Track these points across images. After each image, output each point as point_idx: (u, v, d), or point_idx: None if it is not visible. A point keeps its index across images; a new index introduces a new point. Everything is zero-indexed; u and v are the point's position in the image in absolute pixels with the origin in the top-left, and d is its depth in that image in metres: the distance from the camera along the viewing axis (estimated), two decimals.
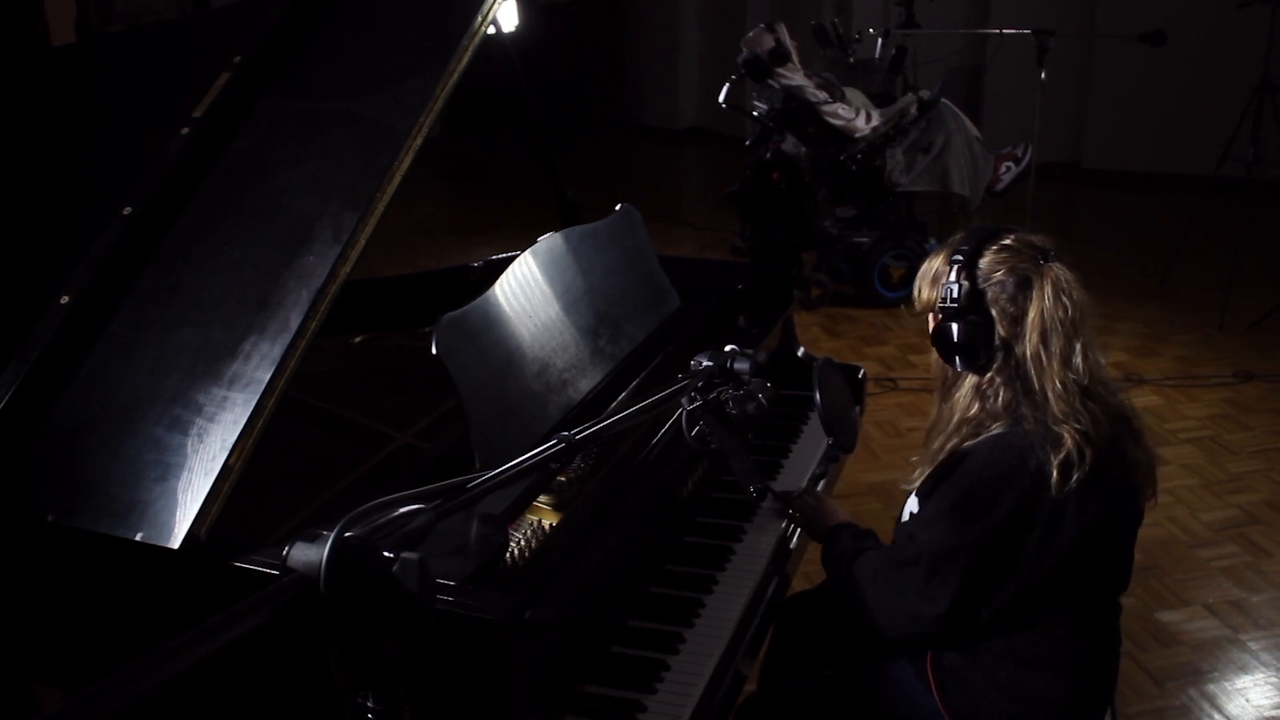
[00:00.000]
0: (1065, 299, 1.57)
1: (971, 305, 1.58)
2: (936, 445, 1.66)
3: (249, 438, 1.45)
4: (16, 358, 1.59)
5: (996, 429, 1.58)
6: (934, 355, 1.68)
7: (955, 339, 1.59)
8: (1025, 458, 1.52)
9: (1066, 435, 1.51)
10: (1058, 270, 1.59)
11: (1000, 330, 1.57)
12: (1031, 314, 1.56)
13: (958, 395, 1.65)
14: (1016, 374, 1.58)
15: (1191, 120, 6.74)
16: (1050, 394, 1.55)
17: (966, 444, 1.60)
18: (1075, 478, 1.50)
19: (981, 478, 1.54)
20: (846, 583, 1.70)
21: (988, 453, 1.56)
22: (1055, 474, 1.50)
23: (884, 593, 1.64)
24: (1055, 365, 1.55)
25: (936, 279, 1.65)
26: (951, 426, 1.63)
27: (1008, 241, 1.61)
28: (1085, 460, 1.51)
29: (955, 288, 1.58)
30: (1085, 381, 1.57)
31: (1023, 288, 1.57)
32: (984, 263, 1.60)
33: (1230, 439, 3.85)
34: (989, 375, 1.60)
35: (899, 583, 1.61)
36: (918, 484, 1.69)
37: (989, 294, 1.58)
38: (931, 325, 1.67)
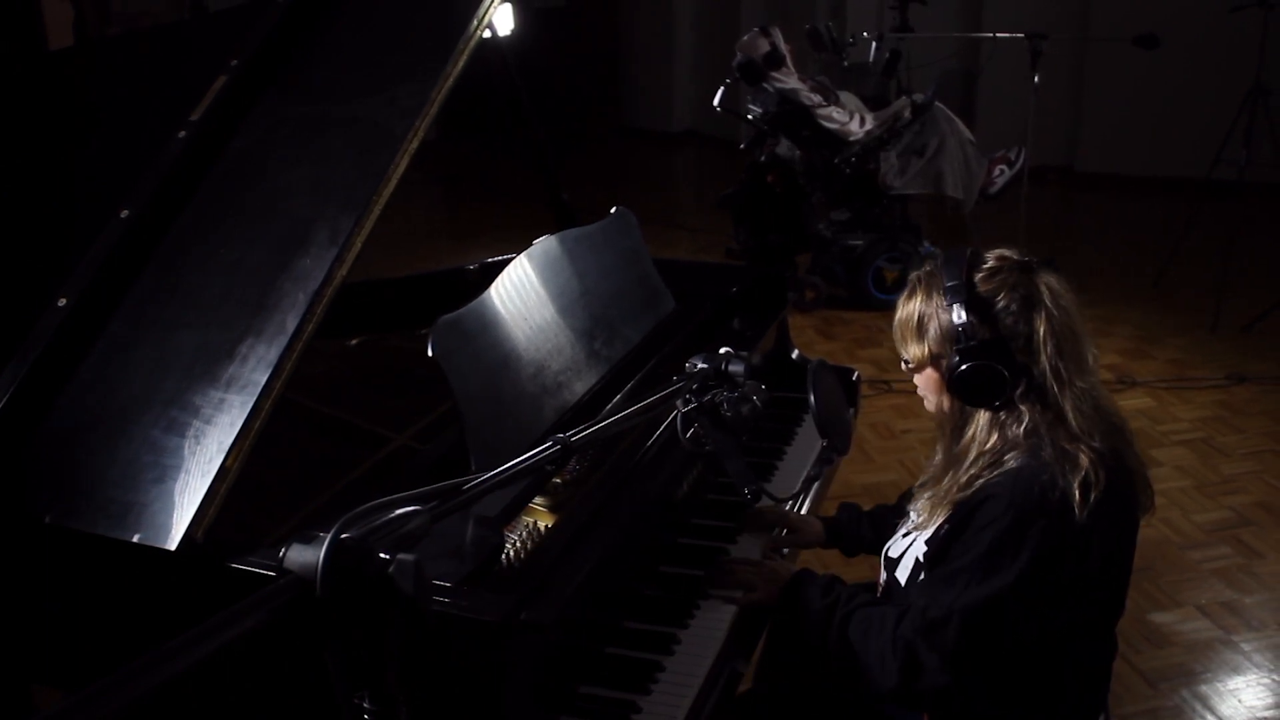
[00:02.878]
0: (1064, 303, 1.54)
1: (989, 338, 1.51)
2: (947, 483, 1.57)
3: (246, 440, 1.46)
4: (15, 359, 1.60)
5: (1012, 461, 1.51)
6: (938, 401, 1.60)
7: (981, 381, 1.50)
8: (1047, 492, 1.46)
9: (1083, 456, 1.47)
10: (1049, 278, 1.56)
11: (1017, 355, 1.51)
12: (1041, 329, 1.51)
13: (972, 432, 1.56)
14: (1035, 395, 1.51)
15: (1185, 123, 6.75)
16: (1069, 409, 1.50)
17: (982, 480, 1.52)
18: (1094, 498, 1.45)
19: (1007, 522, 1.47)
20: (837, 645, 1.59)
21: (1009, 493, 1.48)
22: (1077, 496, 1.45)
23: (901, 656, 1.52)
24: (1073, 376, 1.51)
25: (923, 328, 1.56)
26: (969, 462, 1.55)
27: (992, 262, 1.56)
28: (1100, 480, 1.46)
29: (967, 325, 1.50)
30: (1097, 390, 1.54)
31: (1026, 305, 1.52)
32: (983, 291, 1.52)
33: (1223, 441, 3.86)
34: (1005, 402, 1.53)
35: (924, 647, 1.50)
36: (930, 528, 1.60)
37: (1000, 321, 1.51)
38: (932, 374, 1.58)
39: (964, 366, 1.51)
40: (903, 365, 1.65)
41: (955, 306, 1.51)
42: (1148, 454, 3.71)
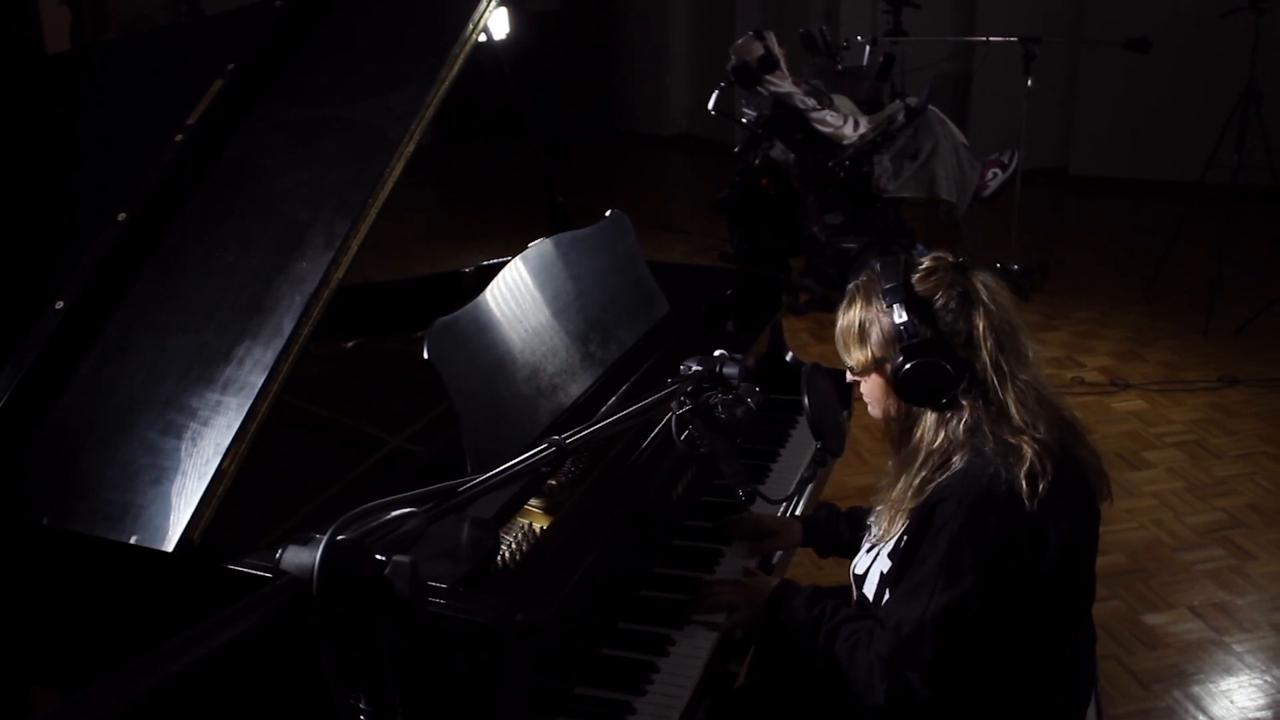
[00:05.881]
0: (1001, 300, 1.57)
1: (931, 337, 1.54)
2: (900, 489, 1.58)
3: (242, 442, 1.47)
4: (12, 362, 1.61)
5: (959, 461, 1.53)
6: (884, 406, 1.62)
7: (928, 378, 1.53)
8: (994, 485, 1.48)
9: (1025, 447, 1.49)
10: (983, 275, 1.59)
11: (959, 351, 1.54)
12: (980, 325, 1.54)
13: (919, 433, 1.58)
14: (978, 391, 1.54)
15: (1177, 127, 6.78)
16: (1011, 402, 1.52)
17: (932, 484, 1.54)
18: (1042, 487, 1.47)
19: (960, 523, 1.48)
20: (824, 659, 1.60)
21: (959, 494, 1.50)
22: (1025, 486, 1.47)
23: (887, 677, 1.53)
24: (1014, 370, 1.54)
25: (865, 334, 1.59)
26: (918, 464, 1.57)
27: (926, 264, 1.59)
28: (1047, 470, 1.48)
29: (908, 324, 1.52)
30: (1040, 384, 1.57)
31: (964, 302, 1.55)
32: (921, 291, 1.55)
33: (1215, 443, 3.88)
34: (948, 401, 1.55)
35: (905, 667, 1.52)
36: (890, 541, 1.62)
37: (940, 319, 1.54)
38: (877, 380, 1.60)
39: (908, 365, 1.53)
40: (848, 376, 1.67)
41: (895, 307, 1.54)
42: (1139, 456, 3.78)
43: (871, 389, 1.64)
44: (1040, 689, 1.62)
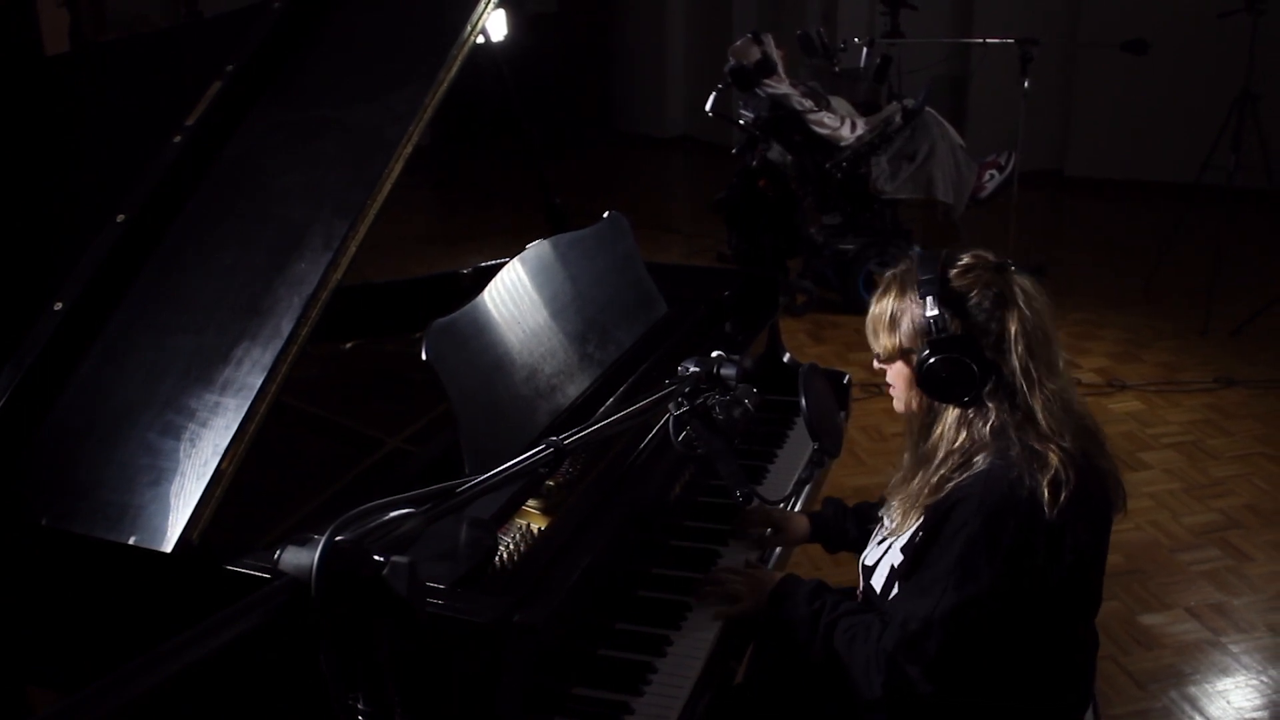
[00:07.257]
0: (1037, 306, 1.56)
1: (959, 334, 1.52)
2: (917, 484, 1.58)
3: (241, 442, 1.47)
4: (11, 363, 1.61)
5: (981, 462, 1.52)
6: (907, 398, 1.62)
7: (951, 374, 1.52)
8: (1016, 489, 1.47)
9: (1052, 455, 1.48)
10: (1022, 279, 1.58)
11: (986, 352, 1.52)
12: (1013, 328, 1.53)
13: (940, 430, 1.57)
14: (1004, 394, 1.53)
15: (1174, 128, 6.79)
16: (1039, 408, 1.51)
17: (952, 483, 1.52)
18: (1064, 496, 1.46)
19: (978, 525, 1.47)
20: (822, 652, 1.60)
21: (980, 495, 1.48)
22: (1047, 494, 1.46)
23: (885, 670, 1.53)
24: (1043, 377, 1.52)
25: (896, 322, 1.58)
26: (937, 461, 1.56)
27: (966, 260, 1.58)
28: (1070, 479, 1.47)
29: (939, 318, 1.51)
30: (1068, 393, 1.56)
31: (999, 303, 1.54)
32: (956, 286, 1.55)
33: (1212, 444, 3.89)
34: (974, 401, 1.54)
35: (906, 660, 1.52)
36: (904, 535, 1.61)
37: (972, 317, 1.53)
38: (902, 370, 1.60)
39: (933, 360, 1.52)
40: (875, 362, 1.67)
41: (928, 300, 1.53)
42: (1136, 457, 3.79)
43: (896, 378, 1.63)
44: (1046, 690, 1.62)
